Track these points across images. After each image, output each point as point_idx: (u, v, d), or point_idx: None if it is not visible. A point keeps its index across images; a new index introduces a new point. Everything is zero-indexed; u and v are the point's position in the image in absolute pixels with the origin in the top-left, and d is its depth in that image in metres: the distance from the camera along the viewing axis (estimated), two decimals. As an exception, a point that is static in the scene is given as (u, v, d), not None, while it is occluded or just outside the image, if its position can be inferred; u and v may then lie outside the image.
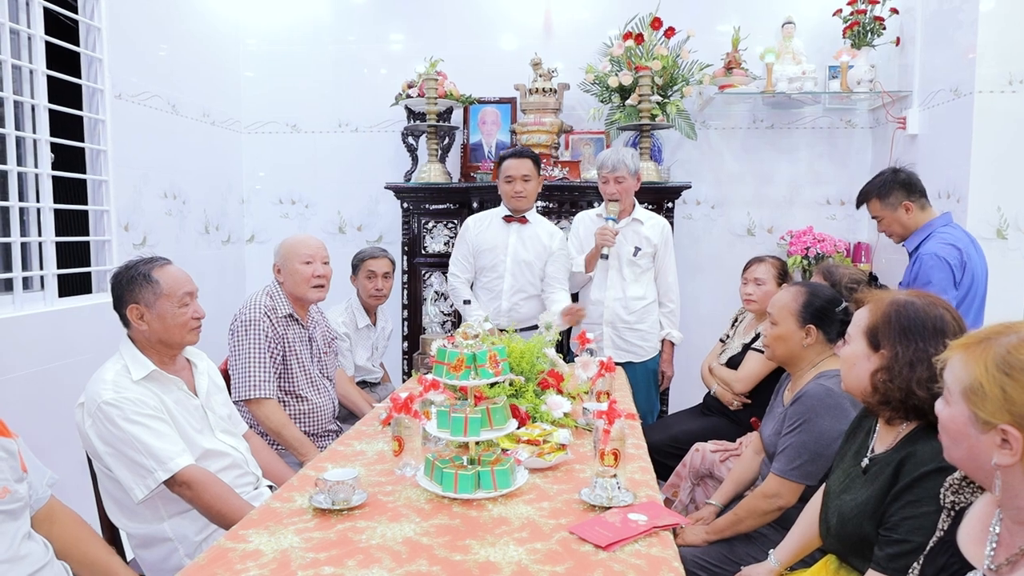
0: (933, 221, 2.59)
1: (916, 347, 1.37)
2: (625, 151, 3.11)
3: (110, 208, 3.03)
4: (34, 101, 2.61)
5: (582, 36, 4.09)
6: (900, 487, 1.34)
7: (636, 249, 3.16)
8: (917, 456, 1.34)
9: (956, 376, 1.05)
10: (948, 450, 1.11)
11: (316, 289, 2.50)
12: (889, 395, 1.39)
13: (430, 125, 3.76)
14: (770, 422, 2.09)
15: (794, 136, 4.13)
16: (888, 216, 2.64)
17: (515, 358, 2.09)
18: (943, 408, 1.09)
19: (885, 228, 2.69)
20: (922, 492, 1.30)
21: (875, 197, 2.65)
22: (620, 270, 3.19)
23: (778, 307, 2.06)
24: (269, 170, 4.35)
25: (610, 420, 1.55)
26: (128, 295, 1.87)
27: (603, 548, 1.31)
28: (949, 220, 2.61)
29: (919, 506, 1.30)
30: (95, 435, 1.76)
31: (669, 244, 3.25)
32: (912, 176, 2.63)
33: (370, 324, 3.31)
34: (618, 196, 3.08)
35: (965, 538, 1.10)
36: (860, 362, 1.46)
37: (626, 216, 3.19)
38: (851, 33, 3.71)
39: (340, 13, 4.25)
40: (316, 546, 1.33)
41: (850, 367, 1.49)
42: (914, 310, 1.40)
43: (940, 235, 2.54)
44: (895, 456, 1.39)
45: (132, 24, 3.17)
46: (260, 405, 2.35)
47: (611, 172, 3.06)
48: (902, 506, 1.33)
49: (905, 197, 2.60)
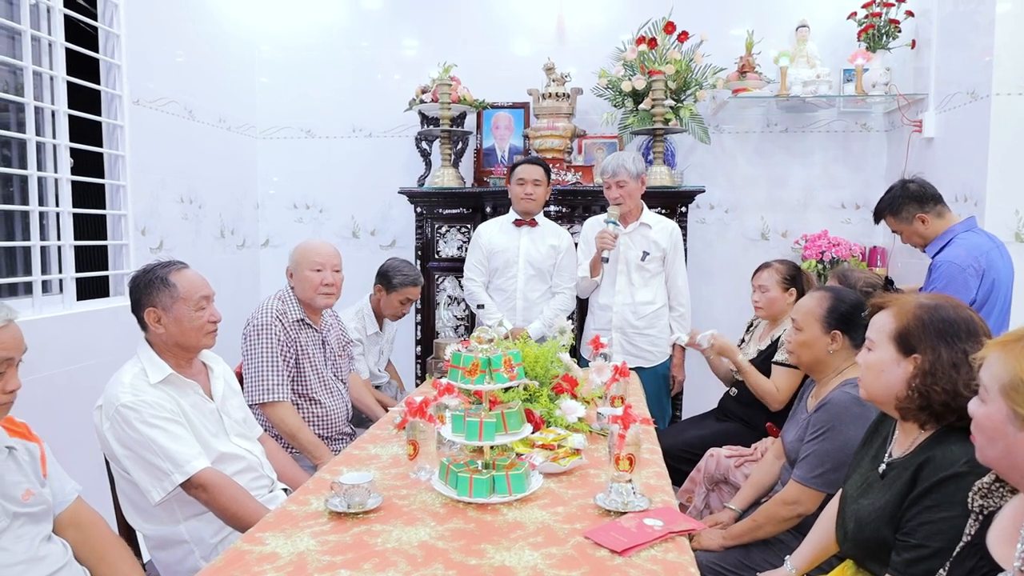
0: (954, 227, 2.56)
1: (956, 348, 1.35)
2: (626, 155, 3.14)
3: (128, 212, 3.06)
4: (54, 107, 2.65)
5: (595, 41, 4.09)
6: (918, 492, 1.33)
7: (644, 254, 3.17)
8: (935, 461, 1.33)
9: (994, 374, 1.04)
10: (982, 450, 1.09)
11: (324, 296, 2.51)
12: (932, 399, 1.36)
13: (443, 130, 3.77)
14: (792, 428, 2.07)
15: (808, 140, 4.11)
16: (906, 230, 2.63)
17: (529, 362, 2.09)
18: (978, 407, 1.08)
19: (907, 240, 2.69)
20: (940, 497, 1.29)
21: (888, 214, 2.64)
22: (629, 275, 3.20)
23: (802, 312, 2.04)
24: (284, 175, 4.38)
25: (625, 425, 1.55)
26: (146, 298, 1.89)
27: (619, 553, 1.31)
28: (972, 225, 2.58)
29: (937, 511, 1.29)
30: (113, 437, 1.78)
31: (679, 248, 3.25)
32: (923, 186, 2.60)
33: (379, 331, 3.33)
34: (621, 200, 3.10)
35: (995, 540, 1.09)
36: (889, 368, 1.43)
37: (633, 221, 3.20)
38: (866, 36, 3.69)
39: (354, 19, 4.28)
40: (332, 549, 1.33)
41: (876, 374, 1.46)
42: (946, 312, 1.39)
43: (960, 241, 2.51)
44: (913, 460, 1.38)
45: (150, 31, 3.21)
46: (275, 408, 2.36)
47: (612, 176, 3.10)
48: (920, 511, 1.32)
49: (918, 209, 2.58)
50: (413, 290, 3.27)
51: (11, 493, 1.43)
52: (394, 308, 3.27)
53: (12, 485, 1.43)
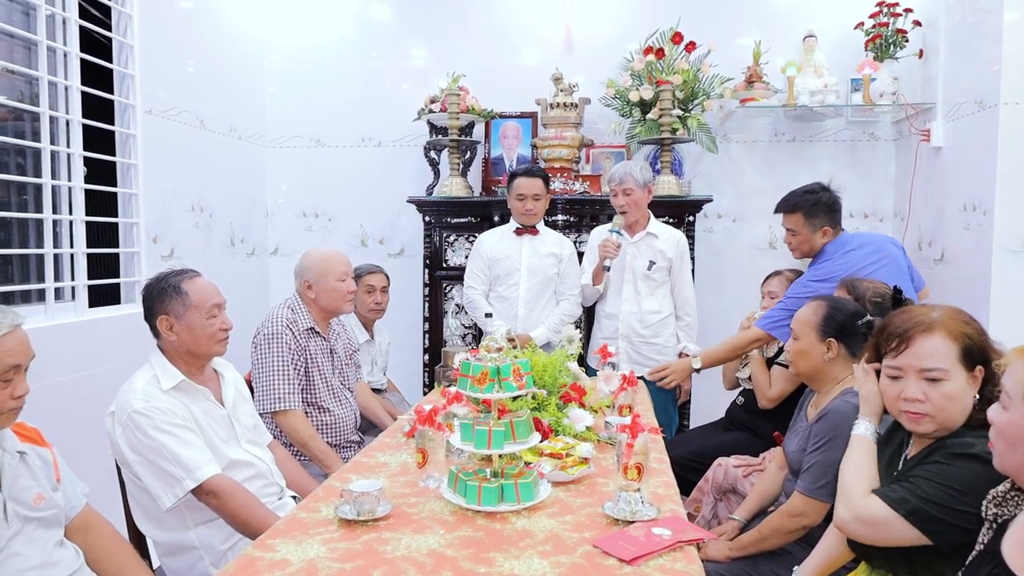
0: (827, 247, 2.68)
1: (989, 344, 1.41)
2: (633, 164, 3.16)
3: (139, 220, 3.09)
4: (69, 116, 2.68)
5: (603, 51, 4.11)
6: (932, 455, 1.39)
7: (650, 263, 3.18)
8: (950, 444, 1.37)
9: (1018, 380, 1.04)
10: (1002, 457, 1.09)
11: (349, 303, 2.61)
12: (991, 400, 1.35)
13: (452, 139, 3.79)
14: (794, 438, 2.07)
15: (816, 149, 4.11)
16: (804, 235, 2.67)
17: (538, 371, 2.10)
18: (999, 413, 1.08)
19: (794, 243, 2.72)
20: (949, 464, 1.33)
21: (801, 212, 2.67)
22: (635, 284, 3.21)
23: (800, 322, 2.06)
24: (293, 184, 4.40)
25: (633, 434, 1.55)
26: (158, 306, 1.91)
27: (627, 562, 1.31)
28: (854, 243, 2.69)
29: (944, 468, 1.34)
30: (125, 443, 1.79)
31: (685, 257, 3.26)
32: (839, 200, 2.69)
33: (369, 340, 3.34)
34: (627, 208, 3.12)
35: (1011, 548, 1.08)
36: (963, 390, 1.38)
37: (640, 230, 3.21)
38: (873, 46, 3.69)
39: (363, 30, 4.31)
40: (342, 556, 1.34)
41: (954, 402, 1.38)
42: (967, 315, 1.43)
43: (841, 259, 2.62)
44: (924, 454, 1.42)
45: (162, 41, 3.25)
46: (286, 417, 2.38)
47: (619, 185, 3.12)
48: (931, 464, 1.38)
49: (827, 222, 2.64)
50: (370, 277, 3.29)
51: (22, 497, 1.44)
52: (365, 303, 3.28)
53: (23, 489, 1.45)
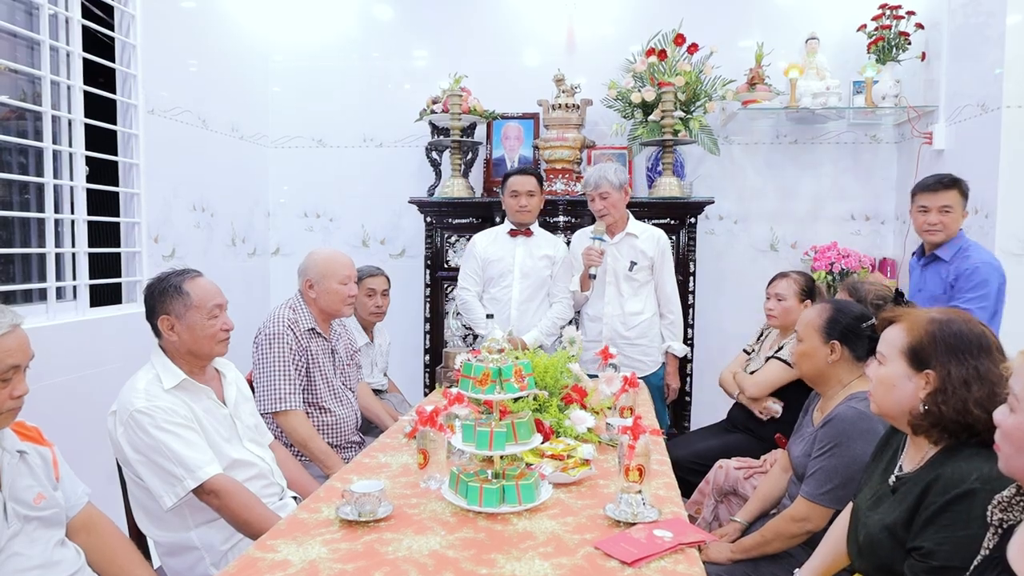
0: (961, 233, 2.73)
1: (968, 365, 1.33)
2: (607, 166, 3.14)
3: (141, 220, 3.09)
4: (71, 116, 2.68)
5: (605, 52, 4.12)
6: (932, 512, 1.31)
7: (632, 264, 3.17)
8: (945, 479, 1.31)
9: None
10: (1008, 460, 1.08)
11: (350, 306, 2.60)
12: (943, 416, 1.34)
13: (454, 140, 3.80)
14: (799, 442, 2.07)
15: (818, 151, 4.11)
16: (958, 213, 2.70)
17: (539, 373, 2.10)
18: (1007, 416, 1.07)
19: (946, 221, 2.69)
20: (955, 516, 1.27)
21: (958, 190, 2.69)
22: (618, 286, 3.20)
23: (804, 323, 2.05)
24: (295, 184, 4.41)
25: (635, 436, 1.55)
26: (160, 306, 1.91)
27: (629, 564, 1.31)
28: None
29: (955, 529, 1.27)
30: (126, 443, 1.79)
31: (666, 255, 3.24)
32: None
33: (369, 342, 3.33)
34: (606, 211, 3.11)
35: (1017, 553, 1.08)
36: (900, 383, 1.42)
37: (619, 231, 3.20)
38: (876, 48, 3.69)
39: (365, 30, 4.31)
40: (343, 557, 1.34)
41: (887, 389, 1.45)
42: (958, 327, 1.37)
43: (979, 249, 2.66)
44: (923, 477, 1.36)
45: (165, 41, 3.25)
46: (287, 417, 2.38)
47: (595, 189, 3.11)
48: (937, 530, 1.30)
49: (965, 202, 2.72)
50: (371, 280, 3.27)
51: (23, 497, 1.44)
52: (366, 306, 3.27)
53: (24, 489, 1.45)
